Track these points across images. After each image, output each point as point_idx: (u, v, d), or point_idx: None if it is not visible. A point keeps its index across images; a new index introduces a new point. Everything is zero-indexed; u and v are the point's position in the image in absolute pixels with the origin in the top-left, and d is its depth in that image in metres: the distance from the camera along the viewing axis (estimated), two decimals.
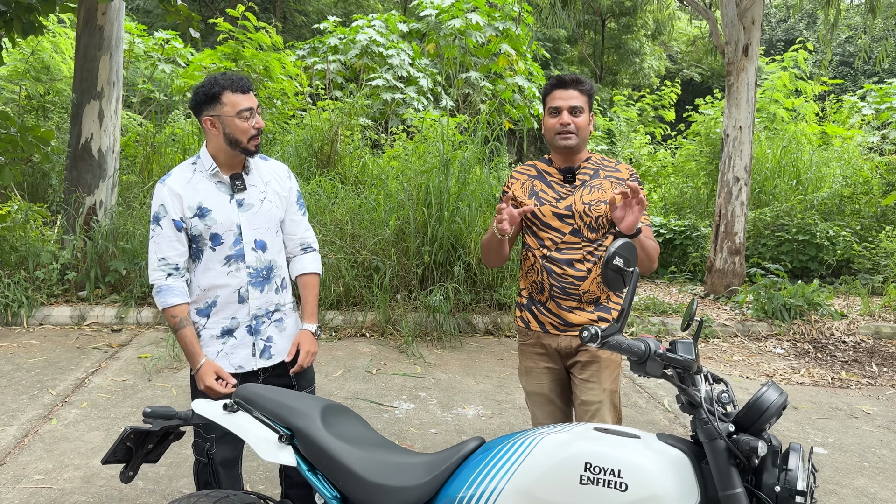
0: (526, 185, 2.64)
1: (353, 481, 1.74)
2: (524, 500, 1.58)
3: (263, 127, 2.38)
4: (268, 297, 2.47)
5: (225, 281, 2.40)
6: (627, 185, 2.33)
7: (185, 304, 2.37)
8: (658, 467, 1.52)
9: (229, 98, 2.32)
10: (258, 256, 2.44)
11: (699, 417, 1.53)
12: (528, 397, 2.71)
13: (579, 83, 2.55)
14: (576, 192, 2.55)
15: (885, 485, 3.78)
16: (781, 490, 1.46)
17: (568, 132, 2.51)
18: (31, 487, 3.30)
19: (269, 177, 2.52)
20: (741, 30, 7.55)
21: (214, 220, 2.37)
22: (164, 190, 2.38)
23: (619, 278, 1.58)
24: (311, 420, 1.84)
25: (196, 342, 2.36)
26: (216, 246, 2.39)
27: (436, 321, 6.20)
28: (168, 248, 2.37)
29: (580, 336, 1.53)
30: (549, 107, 2.57)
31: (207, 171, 2.41)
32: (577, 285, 2.51)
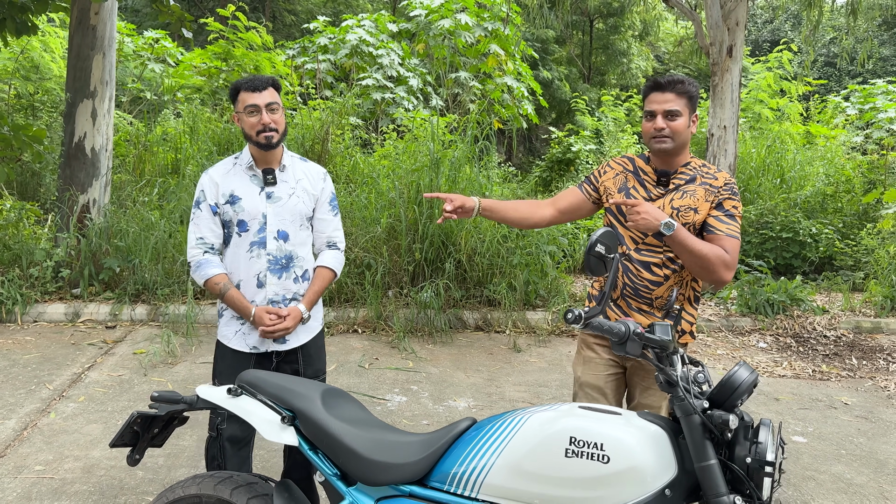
0: (619, 177, 2.60)
1: (353, 459, 1.84)
2: (513, 473, 1.68)
3: (274, 124, 2.56)
4: (285, 285, 2.67)
5: (246, 266, 2.64)
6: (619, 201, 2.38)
7: (223, 273, 2.65)
8: (638, 441, 1.63)
9: (242, 96, 2.60)
10: (279, 245, 2.65)
11: (676, 395, 1.64)
12: (581, 389, 2.66)
13: (676, 85, 2.46)
14: (667, 196, 2.50)
15: (861, 471, 3.92)
16: (752, 461, 1.57)
17: (663, 136, 2.44)
18: (33, 478, 3.38)
19: (301, 175, 2.76)
20: (725, 31, 7.70)
21: (243, 207, 2.63)
22: (206, 178, 2.69)
23: (601, 264, 1.69)
24: (312, 402, 1.94)
25: (243, 298, 2.62)
26: (242, 232, 2.64)
27: (427, 317, 6.29)
28: (206, 229, 2.66)
29: (564, 318, 1.63)
30: (646, 110, 2.52)
31: (244, 165, 2.69)
32: (650, 289, 2.48)
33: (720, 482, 1.56)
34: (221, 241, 2.69)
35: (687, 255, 2.38)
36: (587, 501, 1.62)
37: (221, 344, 2.73)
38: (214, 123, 8.85)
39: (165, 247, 6.52)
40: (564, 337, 6.45)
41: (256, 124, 2.57)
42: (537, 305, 6.86)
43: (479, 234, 6.63)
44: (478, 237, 6.61)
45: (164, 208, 7.16)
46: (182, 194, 6.87)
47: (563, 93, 21.56)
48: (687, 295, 2.56)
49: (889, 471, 3.93)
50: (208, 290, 2.69)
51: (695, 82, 2.49)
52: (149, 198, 7.28)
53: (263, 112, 2.56)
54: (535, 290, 6.78)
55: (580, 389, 2.67)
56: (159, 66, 12.14)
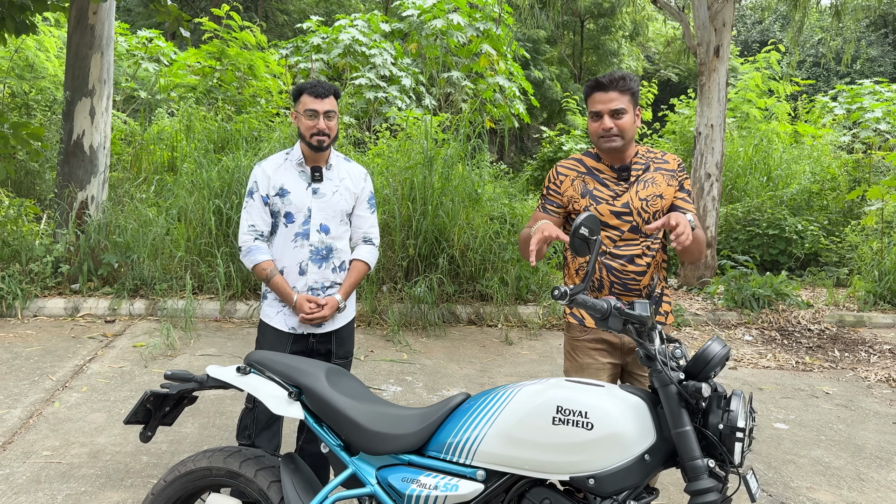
0: (577, 182, 2.59)
1: (356, 430, 1.98)
2: (505, 441, 1.82)
3: (329, 130, 2.76)
4: (324, 274, 2.88)
5: (291, 254, 2.85)
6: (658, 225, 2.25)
7: (270, 260, 2.85)
8: (620, 410, 1.77)
9: (305, 99, 2.80)
10: (321, 238, 2.86)
11: (654, 368, 1.78)
12: None
13: (619, 83, 2.47)
14: (630, 189, 2.53)
15: (839, 455, 4.08)
16: (724, 428, 1.71)
17: (611, 135, 2.47)
18: (41, 462, 3.49)
19: (345, 175, 2.97)
20: (712, 31, 7.87)
21: (290, 200, 2.84)
22: (259, 170, 2.89)
23: (585, 245, 1.82)
24: (317, 379, 2.08)
25: (286, 285, 2.82)
26: (288, 223, 2.85)
27: (421, 311, 6.43)
28: (258, 217, 2.86)
29: (551, 294, 1.77)
30: (590, 111, 2.53)
31: (295, 161, 2.90)
32: (638, 280, 2.51)
33: (695, 447, 1.70)
34: (270, 229, 2.90)
35: (693, 245, 2.44)
36: (573, 465, 1.75)
37: (263, 322, 2.92)
38: (210, 122, 8.95)
39: (163, 243, 6.62)
40: (555, 330, 6.59)
41: (312, 127, 2.78)
42: (529, 300, 7.00)
43: (472, 231, 6.77)
44: (470, 233, 6.74)
45: (160, 206, 7.26)
46: (179, 191, 6.97)
47: (554, 92, 21.73)
48: (660, 276, 2.62)
49: (866, 455, 4.09)
50: (255, 274, 2.89)
51: (635, 77, 2.52)
52: (146, 195, 7.38)
53: (321, 118, 2.77)
54: (527, 285, 6.92)
55: None
56: (153, 65, 12.22)
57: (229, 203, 6.70)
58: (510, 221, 7.09)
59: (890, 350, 6.38)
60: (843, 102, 16.31)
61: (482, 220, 6.87)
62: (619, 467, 1.73)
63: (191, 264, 6.63)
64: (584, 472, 1.75)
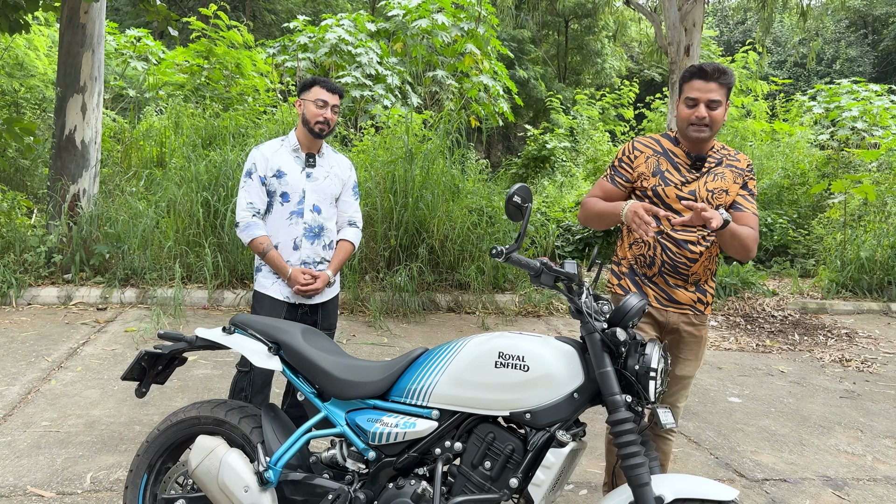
0: (651, 160, 2.64)
1: (328, 379, 2.26)
2: (455, 384, 2.10)
3: (333, 121, 3.09)
4: (315, 250, 3.20)
5: (286, 231, 3.15)
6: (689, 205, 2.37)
7: (266, 235, 3.14)
8: (553, 356, 2.06)
9: (317, 90, 3.12)
10: (313, 217, 3.17)
11: (583, 320, 2.07)
12: None
13: (721, 75, 2.49)
14: (701, 179, 2.58)
15: (785, 424, 4.40)
16: (640, 368, 2.00)
17: (703, 125, 2.51)
18: (40, 431, 3.74)
19: (334, 163, 3.30)
20: (682, 31, 8.20)
21: (287, 182, 3.14)
22: (258, 153, 3.18)
23: (518, 211, 2.10)
24: (293, 336, 2.35)
25: (282, 259, 3.12)
26: (284, 202, 3.15)
27: (401, 299, 6.71)
28: (256, 195, 3.15)
29: (490, 253, 2.05)
30: (687, 96, 2.53)
31: (291, 147, 3.20)
32: (688, 266, 2.58)
33: (614, 385, 1.98)
34: (265, 208, 3.18)
35: (736, 240, 2.50)
36: (513, 402, 2.04)
37: (259, 293, 3.20)
38: (198, 118, 9.18)
39: (153, 234, 6.87)
40: (530, 317, 6.89)
41: (319, 115, 3.09)
42: (506, 289, 7.30)
43: (451, 222, 7.05)
44: (450, 224, 7.03)
45: (150, 199, 7.50)
46: (168, 184, 7.21)
47: (539, 92, 22.05)
48: (712, 269, 2.71)
49: (810, 424, 4.41)
50: (252, 248, 3.16)
51: (733, 72, 2.55)
52: (136, 188, 7.62)
53: (329, 109, 3.10)
54: (504, 274, 7.22)
55: None
56: (141, 63, 12.42)
57: (217, 196, 6.95)
58: (488, 213, 7.39)
59: (847, 334, 6.73)
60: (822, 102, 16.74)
61: (461, 213, 7.15)
62: (551, 404, 2.02)
63: (180, 254, 6.87)
64: (522, 408, 2.03)
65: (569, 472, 2.13)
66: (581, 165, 15.95)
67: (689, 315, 2.68)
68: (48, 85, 11.41)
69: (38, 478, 3.22)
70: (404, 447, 2.15)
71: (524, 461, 2.02)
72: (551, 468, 1.96)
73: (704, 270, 2.67)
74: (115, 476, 3.27)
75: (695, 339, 2.71)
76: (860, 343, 6.47)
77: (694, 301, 2.66)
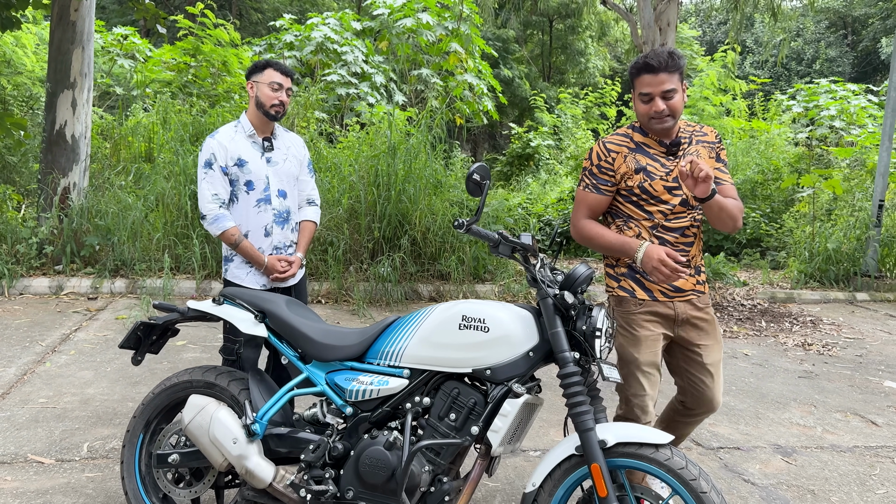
0: (629, 159, 2.60)
1: (309, 343, 2.48)
2: (424, 344, 2.33)
3: (287, 104, 3.12)
4: (286, 234, 3.23)
5: (255, 219, 3.14)
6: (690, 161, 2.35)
7: (236, 227, 3.11)
8: (511, 318, 2.29)
9: (271, 73, 3.11)
10: (281, 202, 3.19)
11: (538, 287, 2.31)
12: (639, 369, 2.61)
13: (668, 64, 2.44)
14: (679, 163, 2.56)
15: (744, 400, 4.67)
16: (587, 328, 2.24)
17: (663, 117, 2.49)
18: (38, 408, 3.94)
19: (290, 143, 3.30)
20: (657, 31, 8.48)
21: (250, 170, 3.12)
22: (214, 142, 3.10)
23: (477, 188, 2.33)
24: (278, 305, 2.58)
25: (255, 249, 3.12)
26: (250, 191, 3.13)
27: (384, 289, 6.93)
28: (219, 186, 3.10)
29: (452, 225, 2.27)
30: (640, 92, 2.50)
31: (246, 132, 3.16)
32: (687, 251, 2.58)
33: (564, 343, 2.22)
34: (229, 197, 3.15)
35: (724, 212, 2.50)
36: (475, 360, 2.27)
37: (231, 283, 3.20)
38: (185, 115, 9.36)
39: (142, 226, 7.05)
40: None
41: (274, 98, 3.09)
42: (486, 279, 7.54)
43: (433, 215, 7.29)
44: (431, 217, 7.26)
45: (138, 194, 7.68)
46: (156, 177, 7.40)
47: (523, 91, 22.34)
48: (701, 247, 2.72)
49: (768, 401, 4.68)
50: (223, 240, 3.14)
51: (681, 53, 2.49)
52: (125, 182, 7.79)
53: (283, 92, 3.11)
54: (483, 265, 7.46)
55: (637, 370, 2.61)
56: (129, 61, 12.56)
57: None
58: (468, 207, 7.62)
59: (812, 321, 7.03)
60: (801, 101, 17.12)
61: (442, 205, 7.38)
62: (509, 361, 2.26)
63: (168, 245, 7.06)
64: (483, 366, 2.27)
65: (525, 426, 2.37)
66: (563, 163, 16.24)
67: (692, 300, 2.66)
68: (36, 82, 11.53)
69: (37, 447, 3.42)
70: (378, 403, 2.38)
71: (485, 412, 2.26)
72: (508, 416, 2.19)
73: (699, 251, 2.72)
74: (111, 445, 3.48)
75: (706, 322, 2.67)
76: (824, 329, 6.77)
77: (693, 285, 2.65)
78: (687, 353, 2.70)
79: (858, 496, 3.33)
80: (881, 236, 8.43)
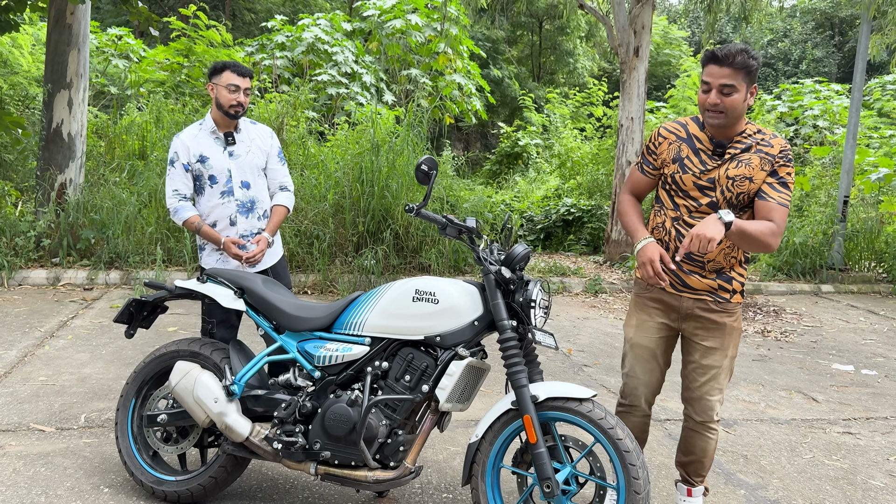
0: (672, 146, 2.62)
1: (283, 316, 2.80)
2: (383, 315, 2.66)
3: (246, 103, 3.34)
4: (251, 223, 3.44)
5: (220, 209, 3.37)
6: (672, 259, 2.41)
7: (196, 215, 3.35)
8: (458, 292, 2.62)
9: (228, 75, 3.31)
10: (244, 193, 3.40)
11: (481, 264, 2.63)
12: (632, 350, 2.75)
13: (735, 58, 2.40)
14: (722, 166, 2.52)
15: None
16: (523, 300, 2.57)
17: (716, 111, 2.46)
18: (38, 385, 4.25)
19: (254, 135, 3.49)
20: (632, 34, 8.81)
21: (211, 165, 3.34)
22: (178, 142, 3.36)
23: (426, 177, 2.65)
24: (255, 283, 2.90)
25: (214, 232, 3.34)
26: (213, 184, 3.36)
27: (368, 281, 7.25)
28: (180, 182, 3.36)
29: (405, 209, 2.59)
30: (703, 80, 2.49)
31: (209, 129, 3.38)
32: (703, 254, 2.42)
33: (503, 312, 2.54)
34: (192, 191, 3.37)
35: (745, 239, 2.43)
36: (426, 329, 2.59)
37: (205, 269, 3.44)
38: (177, 114, 9.66)
39: (135, 220, 7.36)
40: None
41: (233, 99, 3.29)
42: (465, 271, 7.87)
43: None
44: None
45: (132, 189, 7.99)
46: (149, 173, 7.71)
47: (513, 90, 22.69)
48: (738, 257, 2.63)
49: None
50: (186, 227, 3.38)
51: (756, 54, 2.43)
52: (119, 179, 8.10)
53: (241, 93, 3.31)
54: (464, 258, 7.79)
55: (631, 350, 2.77)
56: (123, 61, 12.85)
57: None
58: (449, 202, 7.95)
59: (775, 311, 7.38)
60: (787, 100, 17.51)
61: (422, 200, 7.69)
62: (456, 329, 2.58)
63: (161, 239, 7.37)
64: (433, 333, 2.59)
65: (474, 388, 2.70)
66: (549, 161, 16.57)
67: (706, 301, 2.63)
68: (31, 82, 11.81)
69: (38, 417, 3.74)
70: (343, 367, 2.71)
71: (434, 373, 2.59)
72: (453, 375, 2.52)
73: (726, 258, 2.59)
74: (106, 416, 3.79)
75: (717, 326, 2.63)
76: (785, 318, 7.12)
77: (714, 288, 2.60)
78: (689, 347, 2.73)
79: (787, 460, 3.67)
80: (846, 231, 8.79)
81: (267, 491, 3.03)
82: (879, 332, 6.75)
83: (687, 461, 2.85)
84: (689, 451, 2.81)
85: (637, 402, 2.80)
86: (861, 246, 9.05)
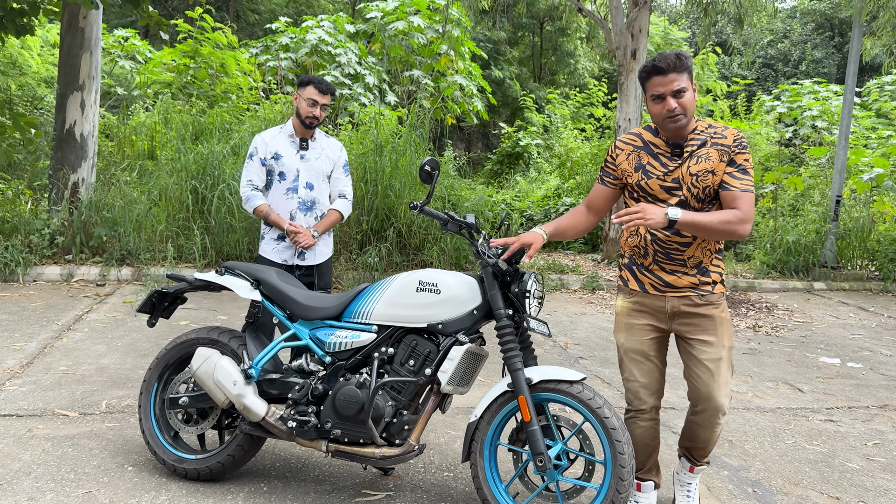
0: (632, 156, 2.72)
1: (296, 305, 3.02)
2: (389, 304, 2.87)
3: (321, 116, 3.74)
4: (308, 220, 3.85)
5: (283, 204, 3.80)
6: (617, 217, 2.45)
7: (266, 204, 3.79)
8: (459, 283, 2.83)
9: (310, 90, 3.75)
10: (307, 192, 3.83)
11: (482, 259, 2.85)
12: (626, 354, 2.83)
13: (676, 64, 2.49)
14: (683, 164, 2.60)
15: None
16: (518, 291, 2.78)
17: (676, 115, 2.54)
18: (59, 374, 4.48)
19: (326, 146, 3.93)
20: (629, 37, 9.02)
21: (283, 163, 3.80)
22: (259, 139, 3.83)
23: (429, 176, 2.86)
24: (270, 275, 3.12)
25: (281, 218, 3.76)
26: (282, 180, 3.81)
27: (372, 277, 7.48)
28: (255, 174, 3.81)
29: (409, 206, 2.80)
30: (651, 94, 2.56)
31: (287, 133, 3.86)
32: (681, 251, 2.57)
33: (500, 302, 2.75)
34: (264, 184, 3.83)
35: (699, 231, 2.50)
36: (429, 317, 2.81)
37: (262, 256, 3.86)
38: (185, 115, 9.88)
39: (146, 218, 7.59)
40: None
41: (310, 112, 3.74)
42: (465, 268, 8.09)
43: None
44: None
45: (143, 188, 8.21)
46: (160, 174, 7.93)
47: (514, 91, 22.89)
48: (712, 249, 2.70)
49: None
50: (256, 215, 3.80)
51: (688, 53, 2.57)
52: (130, 178, 8.33)
53: (318, 108, 3.74)
54: (464, 255, 8.01)
55: (625, 355, 2.85)
56: (129, 62, 13.07)
57: (204, 184, 7.68)
58: (451, 201, 8.17)
59: (767, 307, 7.59)
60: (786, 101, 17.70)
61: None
62: (457, 317, 2.79)
63: (171, 236, 7.60)
64: (436, 321, 2.80)
65: (473, 373, 2.91)
66: (549, 161, 16.78)
67: (690, 297, 2.70)
68: (40, 83, 12.05)
69: (62, 404, 3.96)
70: (352, 353, 2.92)
71: (437, 358, 2.80)
72: (454, 360, 2.73)
73: (703, 252, 2.68)
74: (126, 403, 4.01)
75: (706, 319, 2.68)
76: (777, 314, 7.33)
77: (695, 284, 2.68)
78: (685, 346, 2.77)
79: (770, 445, 3.88)
80: (839, 230, 8.99)
81: (280, 469, 3.25)
82: (868, 327, 6.96)
83: (692, 447, 2.90)
84: (694, 439, 2.85)
85: (641, 405, 2.82)
86: (853, 244, 9.26)
